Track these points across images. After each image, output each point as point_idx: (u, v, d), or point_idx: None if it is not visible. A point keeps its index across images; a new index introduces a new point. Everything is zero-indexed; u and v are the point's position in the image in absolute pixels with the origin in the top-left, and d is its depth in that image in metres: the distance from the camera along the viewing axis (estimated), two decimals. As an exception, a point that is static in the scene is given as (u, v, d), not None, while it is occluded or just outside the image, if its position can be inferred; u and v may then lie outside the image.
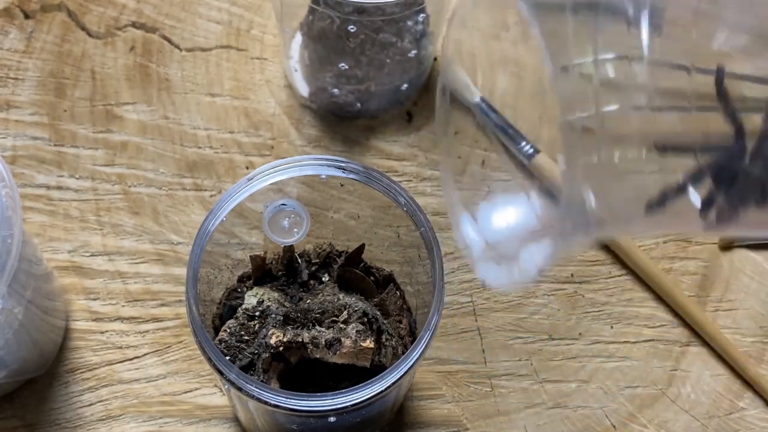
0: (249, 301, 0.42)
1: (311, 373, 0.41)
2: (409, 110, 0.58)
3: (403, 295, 0.46)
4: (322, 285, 0.45)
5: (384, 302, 0.44)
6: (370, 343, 0.39)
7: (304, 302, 0.42)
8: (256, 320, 0.41)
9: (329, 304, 0.41)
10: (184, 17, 0.59)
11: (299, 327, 0.40)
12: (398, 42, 0.51)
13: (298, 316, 0.41)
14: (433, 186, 0.56)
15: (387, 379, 0.36)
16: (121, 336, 0.51)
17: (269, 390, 0.36)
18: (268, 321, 0.40)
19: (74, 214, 0.53)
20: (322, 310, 0.41)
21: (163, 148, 0.55)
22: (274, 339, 0.39)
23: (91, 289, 0.51)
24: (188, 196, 0.54)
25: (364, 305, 0.41)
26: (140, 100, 0.57)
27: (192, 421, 0.49)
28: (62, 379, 0.49)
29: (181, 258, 0.52)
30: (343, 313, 0.40)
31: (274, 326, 0.40)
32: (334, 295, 0.42)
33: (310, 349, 0.39)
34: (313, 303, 0.41)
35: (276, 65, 0.58)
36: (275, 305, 0.42)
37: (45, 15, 0.58)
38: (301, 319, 0.41)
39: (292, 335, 0.39)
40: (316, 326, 0.40)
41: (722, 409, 0.51)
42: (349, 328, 0.39)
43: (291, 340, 0.39)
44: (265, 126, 0.56)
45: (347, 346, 0.39)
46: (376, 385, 0.36)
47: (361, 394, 0.36)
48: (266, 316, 0.41)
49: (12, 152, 0.54)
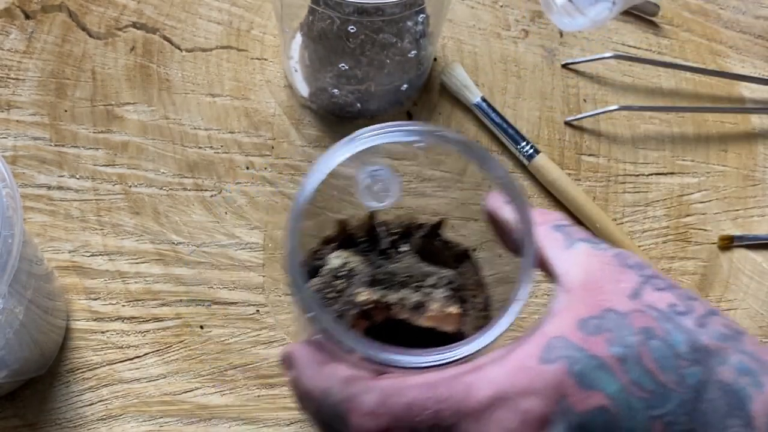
0: (333, 262, 0.43)
1: (392, 334, 0.41)
2: (409, 110, 0.58)
3: (477, 271, 0.47)
4: (401, 254, 0.45)
5: (461, 276, 0.44)
6: (457, 309, 0.39)
7: (387, 267, 0.43)
8: (342, 280, 0.42)
9: (415, 269, 0.42)
10: (185, 18, 0.59)
11: (386, 288, 0.41)
12: (398, 42, 0.52)
13: (384, 278, 0.41)
14: (433, 186, 0.56)
15: (483, 339, 0.35)
16: (121, 336, 0.51)
17: (375, 346, 0.35)
18: (354, 281, 0.41)
19: (75, 214, 0.53)
20: (408, 274, 0.41)
21: (164, 148, 0.55)
22: (363, 297, 0.39)
23: (92, 289, 0.52)
24: (189, 196, 0.54)
25: (450, 273, 0.42)
26: (141, 100, 0.57)
27: (192, 421, 0.49)
28: (63, 378, 0.50)
29: (181, 258, 0.53)
30: (431, 278, 0.41)
31: (362, 285, 0.40)
32: (417, 263, 0.43)
33: (397, 309, 0.39)
34: (398, 267, 0.42)
35: (276, 66, 0.59)
36: (361, 266, 0.42)
37: (45, 15, 0.58)
38: (388, 281, 0.41)
39: (380, 295, 0.40)
40: (401, 289, 0.40)
41: (721, 408, 0.51)
42: (436, 293, 0.40)
43: (379, 299, 0.40)
44: (266, 126, 0.57)
45: (434, 310, 0.39)
46: (477, 341, 0.35)
47: (459, 351, 0.35)
48: (352, 276, 0.42)
49: (13, 152, 0.54)
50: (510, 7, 0.62)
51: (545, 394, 0.30)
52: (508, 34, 0.62)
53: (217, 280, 0.52)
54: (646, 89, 0.61)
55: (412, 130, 0.41)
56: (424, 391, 0.31)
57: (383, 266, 0.43)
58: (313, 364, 0.34)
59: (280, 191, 0.55)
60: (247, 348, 0.51)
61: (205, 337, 0.51)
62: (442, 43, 0.61)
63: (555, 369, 0.30)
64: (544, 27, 0.62)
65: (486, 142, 0.58)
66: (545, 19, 0.62)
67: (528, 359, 0.30)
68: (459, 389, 0.30)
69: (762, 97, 0.62)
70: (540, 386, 0.30)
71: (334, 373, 0.33)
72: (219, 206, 0.54)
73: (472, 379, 0.31)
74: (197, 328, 0.51)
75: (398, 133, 0.41)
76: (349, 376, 0.32)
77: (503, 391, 0.30)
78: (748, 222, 0.57)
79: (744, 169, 0.60)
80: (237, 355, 0.51)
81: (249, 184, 0.55)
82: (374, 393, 0.31)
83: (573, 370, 0.29)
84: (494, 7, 0.62)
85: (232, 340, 0.51)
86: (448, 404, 0.30)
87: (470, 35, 0.61)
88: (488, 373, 0.31)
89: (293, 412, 0.50)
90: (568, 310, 0.32)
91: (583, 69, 0.61)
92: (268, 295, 0.52)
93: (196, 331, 0.51)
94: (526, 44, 0.61)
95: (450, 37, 0.61)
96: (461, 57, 0.60)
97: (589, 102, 0.60)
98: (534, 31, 0.62)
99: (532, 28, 0.62)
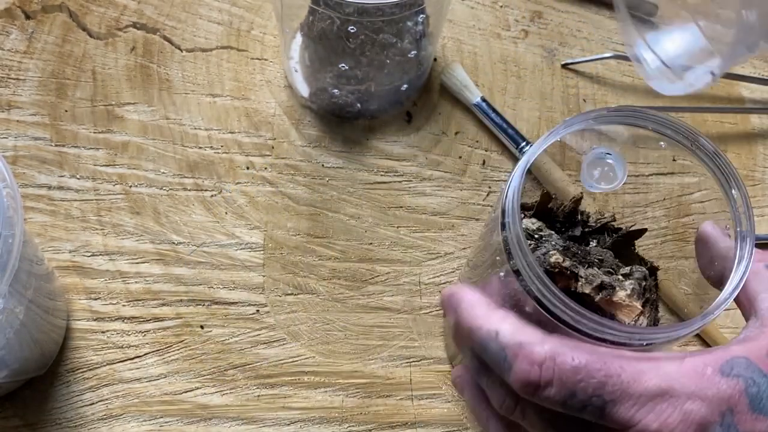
0: (527, 224, 0.43)
1: None
2: (409, 110, 0.58)
3: (656, 291, 0.47)
4: (589, 247, 0.45)
5: (648, 281, 0.45)
6: (640, 305, 0.40)
7: (581, 246, 0.43)
8: (533, 241, 0.42)
9: (608, 257, 0.42)
10: (185, 18, 0.59)
11: (577, 261, 0.41)
12: (398, 42, 0.52)
13: (577, 252, 0.42)
14: (433, 186, 0.56)
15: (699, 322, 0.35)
16: (121, 335, 0.51)
17: (572, 303, 0.35)
18: (545, 244, 0.42)
19: (75, 214, 0.53)
20: (601, 257, 0.42)
21: (164, 148, 0.55)
22: (555, 258, 0.40)
23: (92, 289, 0.52)
24: (189, 196, 0.54)
25: (645, 272, 0.42)
26: (141, 100, 0.57)
27: (192, 421, 0.49)
28: (63, 378, 0.50)
29: (181, 258, 0.53)
30: (624, 269, 0.42)
31: (555, 249, 0.41)
32: (610, 255, 0.43)
33: (582, 282, 0.40)
34: (592, 249, 0.43)
35: (276, 66, 0.59)
36: (555, 237, 0.43)
37: (46, 15, 0.58)
38: (581, 256, 0.42)
39: (571, 264, 0.40)
40: (590, 268, 0.41)
41: (721, 408, 0.51)
42: (626, 283, 0.41)
43: (569, 267, 0.40)
44: (266, 126, 0.57)
45: (620, 297, 0.40)
46: (695, 324, 0.35)
47: (680, 331, 0.35)
48: (544, 242, 0.42)
49: (13, 152, 0.54)
50: (510, 7, 0.63)
51: (713, 402, 0.30)
52: (508, 34, 0.62)
53: (217, 280, 0.52)
54: (646, 89, 0.61)
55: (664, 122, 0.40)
56: (595, 360, 0.31)
57: (576, 245, 0.43)
58: (484, 305, 0.34)
59: (280, 191, 0.55)
60: (247, 348, 0.51)
61: (205, 337, 0.51)
62: (442, 43, 0.61)
63: (731, 383, 0.31)
64: (544, 27, 0.62)
65: (486, 143, 0.58)
66: (545, 19, 0.62)
67: (706, 367, 0.31)
68: (630, 371, 0.31)
69: (762, 97, 0.62)
70: (710, 394, 0.30)
71: (506, 317, 0.33)
72: (219, 206, 0.54)
73: (646, 367, 0.31)
74: (197, 328, 0.51)
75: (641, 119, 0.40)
76: (522, 324, 0.33)
77: (672, 387, 0.31)
78: (748, 222, 0.57)
79: (743, 169, 0.60)
80: (237, 355, 0.51)
81: (249, 184, 0.55)
82: (547, 346, 0.32)
83: (749, 391, 0.30)
84: (494, 7, 0.62)
85: (232, 340, 0.51)
86: (615, 381, 0.31)
87: (470, 35, 0.61)
88: (663, 366, 0.31)
89: (293, 412, 0.50)
90: (759, 340, 0.33)
91: (582, 69, 0.61)
92: (268, 295, 0.52)
93: (196, 331, 0.51)
94: (526, 44, 0.62)
95: (450, 37, 0.61)
96: (461, 57, 0.60)
97: (588, 102, 0.60)
98: (534, 32, 0.62)
99: (532, 28, 0.62)
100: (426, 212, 0.56)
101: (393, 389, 0.51)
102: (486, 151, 0.58)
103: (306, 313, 0.52)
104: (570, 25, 0.62)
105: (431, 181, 0.56)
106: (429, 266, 0.54)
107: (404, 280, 0.54)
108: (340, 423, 0.50)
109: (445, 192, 0.56)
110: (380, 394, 0.51)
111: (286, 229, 0.54)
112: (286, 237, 0.54)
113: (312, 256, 0.54)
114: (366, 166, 0.56)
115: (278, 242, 0.54)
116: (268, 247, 0.53)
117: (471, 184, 0.57)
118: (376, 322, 0.52)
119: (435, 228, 0.55)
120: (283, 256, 0.53)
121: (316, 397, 0.50)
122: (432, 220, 0.55)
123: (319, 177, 0.55)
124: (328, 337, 0.52)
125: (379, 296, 0.53)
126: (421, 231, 0.55)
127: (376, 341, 0.52)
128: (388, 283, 0.53)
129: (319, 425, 0.50)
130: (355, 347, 0.52)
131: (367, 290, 0.53)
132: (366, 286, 0.53)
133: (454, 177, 0.57)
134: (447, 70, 0.59)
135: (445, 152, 0.57)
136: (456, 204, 0.56)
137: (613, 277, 0.41)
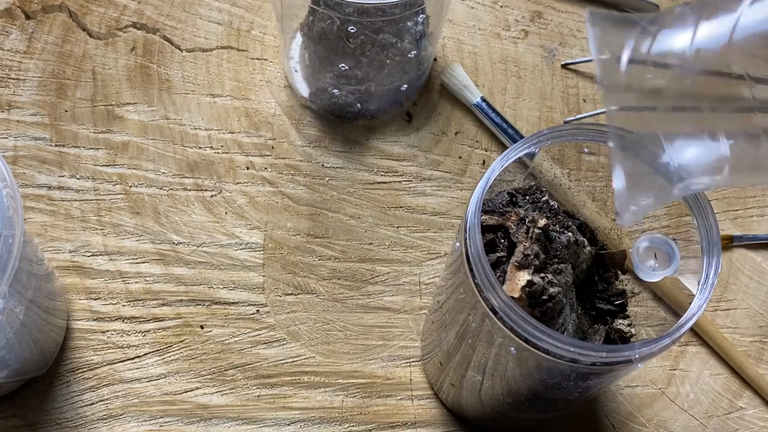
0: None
1: None
2: (409, 110, 0.58)
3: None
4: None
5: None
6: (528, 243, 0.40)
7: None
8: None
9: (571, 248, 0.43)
10: (185, 18, 0.59)
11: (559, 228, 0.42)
12: (398, 43, 0.52)
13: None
14: (433, 186, 0.56)
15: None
16: (121, 335, 0.51)
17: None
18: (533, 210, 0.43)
19: (75, 214, 0.53)
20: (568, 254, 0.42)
21: (164, 148, 0.55)
22: (542, 223, 0.41)
23: (92, 289, 0.52)
24: (189, 196, 0.54)
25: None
26: (141, 100, 0.57)
27: (192, 421, 0.49)
28: (63, 378, 0.50)
29: (181, 258, 0.53)
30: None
31: (540, 214, 0.42)
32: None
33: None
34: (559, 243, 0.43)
35: (276, 66, 0.59)
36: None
37: (46, 15, 0.58)
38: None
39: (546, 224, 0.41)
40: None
41: (721, 408, 0.51)
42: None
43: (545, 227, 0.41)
44: (266, 126, 0.57)
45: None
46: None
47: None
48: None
49: (13, 152, 0.54)
50: (510, 8, 0.63)
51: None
52: (508, 34, 0.62)
53: (217, 280, 0.52)
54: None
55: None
56: None
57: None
58: None
59: (280, 191, 0.55)
60: (247, 348, 0.51)
61: (205, 337, 0.51)
62: (442, 43, 0.61)
63: None
64: (544, 27, 0.62)
65: (486, 143, 0.58)
66: (545, 20, 0.62)
67: None
68: None
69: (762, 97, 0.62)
70: None
71: None
72: (219, 206, 0.54)
73: None
74: (197, 328, 0.51)
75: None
76: None
77: None
78: (748, 222, 0.57)
79: (744, 169, 0.60)
80: (237, 355, 0.51)
81: (249, 184, 0.55)
82: None
83: None
84: (494, 7, 0.62)
85: (232, 340, 0.51)
86: None
87: (470, 35, 0.61)
88: None
89: (293, 412, 0.50)
90: None
91: (582, 69, 0.61)
92: (268, 295, 0.52)
93: (196, 331, 0.51)
94: (526, 44, 0.62)
95: (450, 37, 0.61)
96: (461, 57, 0.60)
97: (588, 102, 0.60)
98: (534, 32, 0.62)
99: (532, 29, 0.62)
100: (426, 212, 0.56)
101: (393, 389, 0.51)
102: (486, 151, 0.58)
103: (306, 313, 0.52)
104: (570, 25, 0.62)
105: (431, 181, 0.56)
106: (429, 266, 0.54)
107: (404, 280, 0.54)
108: (340, 423, 0.50)
109: (445, 192, 0.56)
110: (380, 394, 0.51)
111: (286, 229, 0.54)
112: (286, 237, 0.54)
113: (312, 256, 0.54)
114: (366, 166, 0.56)
115: (278, 242, 0.54)
116: (268, 247, 0.54)
117: (471, 184, 0.57)
118: (376, 322, 0.52)
119: (435, 228, 0.55)
120: (283, 256, 0.53)
121: (316, 397, 0.50)
122: (432, 220, 0.55)
123: (319, 177, 0.55)
124: (328, 337, 0.52)
125: (379, 296, 0.53)
126: (421, 231, 0.55)
127: (376, 341, 0.52)
128: (388, 283, 0.53)
129: (319, 425, 0.50)
130: (355, 347, 0.52)
131: (367, 290, 0.53)
132: (366, 286, 0.53)
133: (454, 177, 0.57)
134: (447, 70, 0.59)
135: (445, 152, 0.57)
136: (456, 204, 0.56)
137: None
